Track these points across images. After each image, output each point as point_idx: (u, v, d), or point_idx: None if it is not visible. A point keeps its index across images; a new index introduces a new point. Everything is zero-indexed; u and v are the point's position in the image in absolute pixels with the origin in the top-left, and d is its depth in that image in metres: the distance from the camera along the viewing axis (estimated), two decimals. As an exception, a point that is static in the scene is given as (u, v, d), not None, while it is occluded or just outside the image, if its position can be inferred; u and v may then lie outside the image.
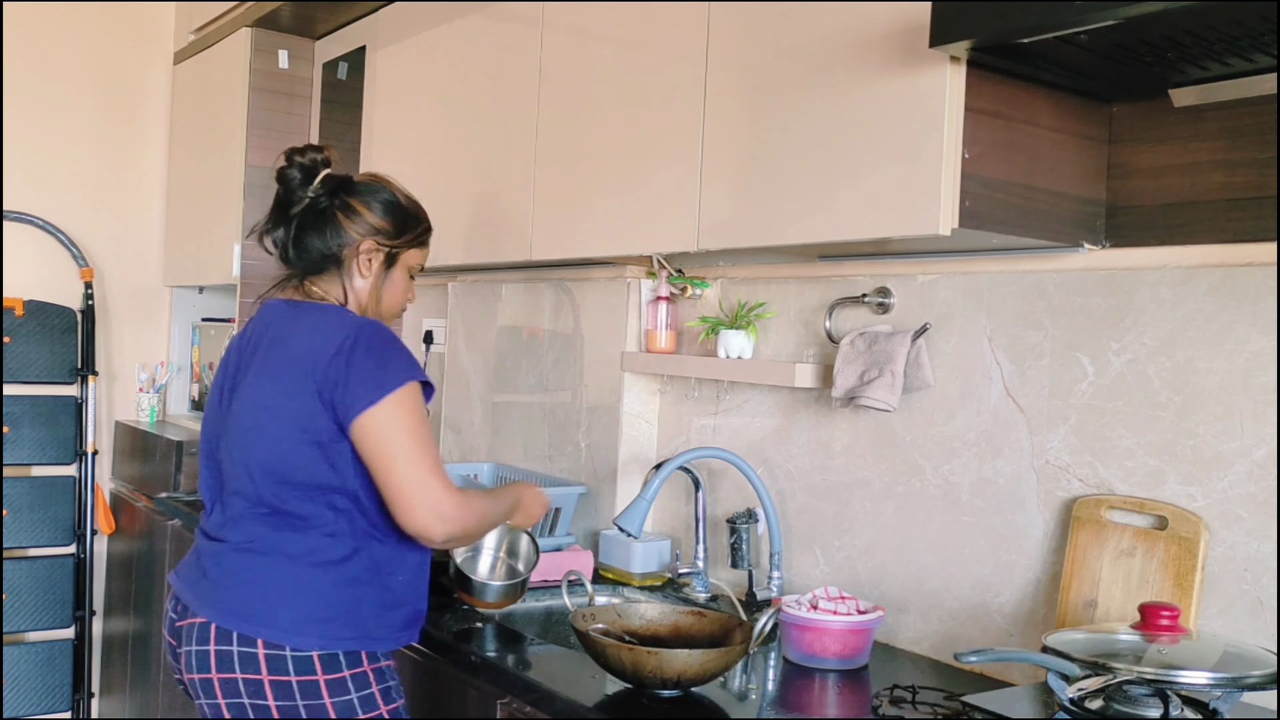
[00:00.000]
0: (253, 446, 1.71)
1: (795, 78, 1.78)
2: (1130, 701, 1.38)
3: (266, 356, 1.74)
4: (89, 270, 3.68)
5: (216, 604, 1.69)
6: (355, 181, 1.84)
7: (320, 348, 1.68)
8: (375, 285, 1.83)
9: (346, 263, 1.80)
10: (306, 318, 1.76)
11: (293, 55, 3.37)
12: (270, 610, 1.66)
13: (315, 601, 1.66)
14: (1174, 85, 1.58)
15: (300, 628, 1.65)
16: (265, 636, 1.64)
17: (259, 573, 1.69)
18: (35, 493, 3.53)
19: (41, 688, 3.54)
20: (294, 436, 1.67)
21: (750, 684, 1.76)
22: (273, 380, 1.71)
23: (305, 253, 1.80)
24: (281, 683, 1.63)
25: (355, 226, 1.80)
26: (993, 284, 1.84)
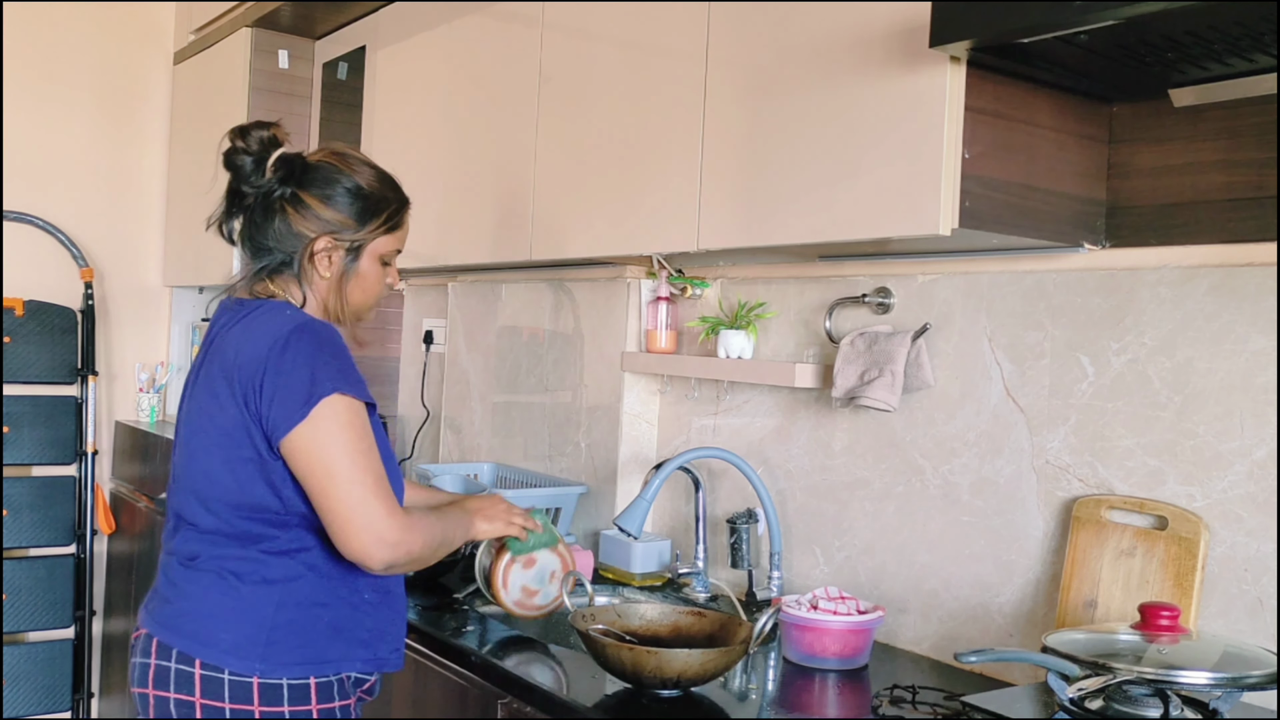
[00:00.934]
0: (190, 464, 1.59)
1: (795, 78, 1.78)
2: (1130, 701, 1.38)
3: (206, 366, 1.60)
4: (89, 270, 3.68)
5: (159, 617, 1.60)
6: (310, 165, 1.64)
7: (249, 352, 1.52)
8: (338, 284, 1.64)
9: (301, 261, 1.61)
10: (247, 319, 1.58)
11: (293, 55, 3.36)
12: (210, 629, 1.54)
13: (258, 622, 1.53)
14: (1174, 85, 1.58)
15: (241, 650, 1.52)
16: (203, 657, 1.52)
17: (201, 588, 1.56)
18: (35, 493, 3.53)
19: (41, 688, 3.54)
20: (225, 455, 1.53)
21: (750, 684, 1.76)
22: (206, 392, 1.57)
23: (258, 250, 1.63)
24: (213, 708, 1.51)
25: (306, 223, 1.61)
26: (993, 284, 1.84)
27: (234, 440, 1.53)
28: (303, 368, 1.49)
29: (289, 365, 1.49)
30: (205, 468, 1.56)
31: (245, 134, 1.63)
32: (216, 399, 1.54)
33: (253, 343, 1.53)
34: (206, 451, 1.56)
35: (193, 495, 1.59)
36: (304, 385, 1.48)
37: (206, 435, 1.56)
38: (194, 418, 1.60)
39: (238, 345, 1.55)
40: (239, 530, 1.56)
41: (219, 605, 1.55)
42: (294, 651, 1.54)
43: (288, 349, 1.50)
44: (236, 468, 1.53)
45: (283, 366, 1.49)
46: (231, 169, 1.65)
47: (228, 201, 1.68)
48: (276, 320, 1.55)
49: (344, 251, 1.64)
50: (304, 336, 1.52)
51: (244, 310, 1.61)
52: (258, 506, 1.54)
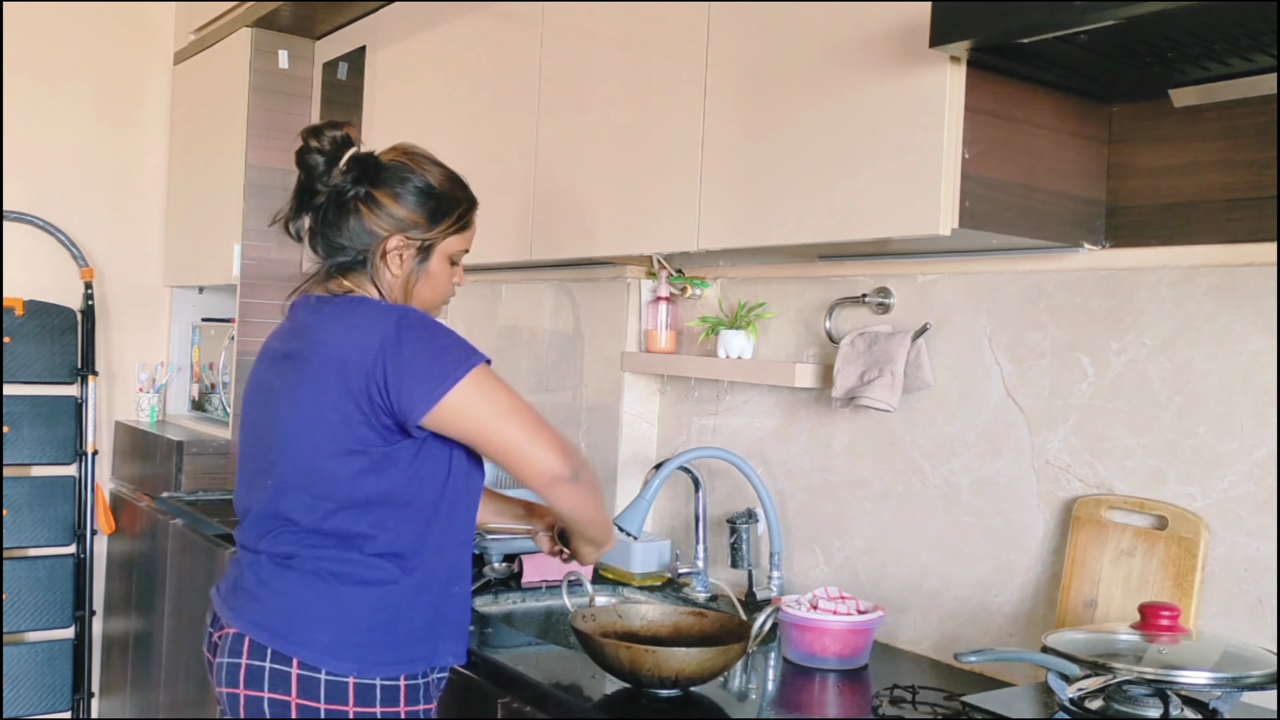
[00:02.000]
0: (294, 460, 1.58)
1: (795, 78, 1.78)
2: (1130, 701, 1.38)
3: (302, 363, 1.59)
4: (89, 270, 3.67)
5: (252, 616, 1.58)
6: (383, 165, 1.66)
7: (359, 348, 1.54)
8: (408, 282, 1.66)
9: (373, 259, 1.64)
10: (338, 316, 1.60)
11: (293, 55, 3.37)
12: (308, 629, 1.55)
13: (354, 623, 1.55)
14: (1174, 85, 1.58)
15: (339, 650, 1.54)
16: (301, 657, 1.53)
17: (298, 588, 1.57)
18: (35, 493, 3.53)
19: (41, 688, 3.54)
20: (335, 449, 1.55)
21: (750, 684, 1.76)
22: (310, 389, 1.57)
23: (331, 248, 1.65)
24: (309, 708, 1.52)
25: (380, 221, 1.63)
26: (993, 284, 1.84)
27: (350, 435, 1.54)
28: (424, 353, 1.53)
29: (409, 352, 1.53)
30: (315, 464, 1.57)
31: (319, 134, 1.63)
32: (326, 394, 1.55)
33: (359, 337, 1.55)
34: (315, 447, 1.56)
35: (299, 492, 1.59)
36: (432, 367, 1.52)
37: (314, 432, 1.56)
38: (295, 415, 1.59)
39: (341, 341, 1.56)
40: (340, 529, 1.57)
41: (316, 605, 1.56)
42: (388, 651, 1.56)
43: (402, 336, 1.53)
44: (348, 460, 1.55)
45: (402, 354, 1.52)
46: (304, 168, 1.64)
47: (297, 200, 1.67)
48: (375, 311, 1.59)
49: (415, 250, 1.66)
50: (412, 324, 1.56)
51: (330, 306, 1.63)
52: (365, 500, 1.56)
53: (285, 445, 1.60)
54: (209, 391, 3.65)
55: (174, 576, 3.14)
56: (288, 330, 1.68)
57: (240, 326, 3.33)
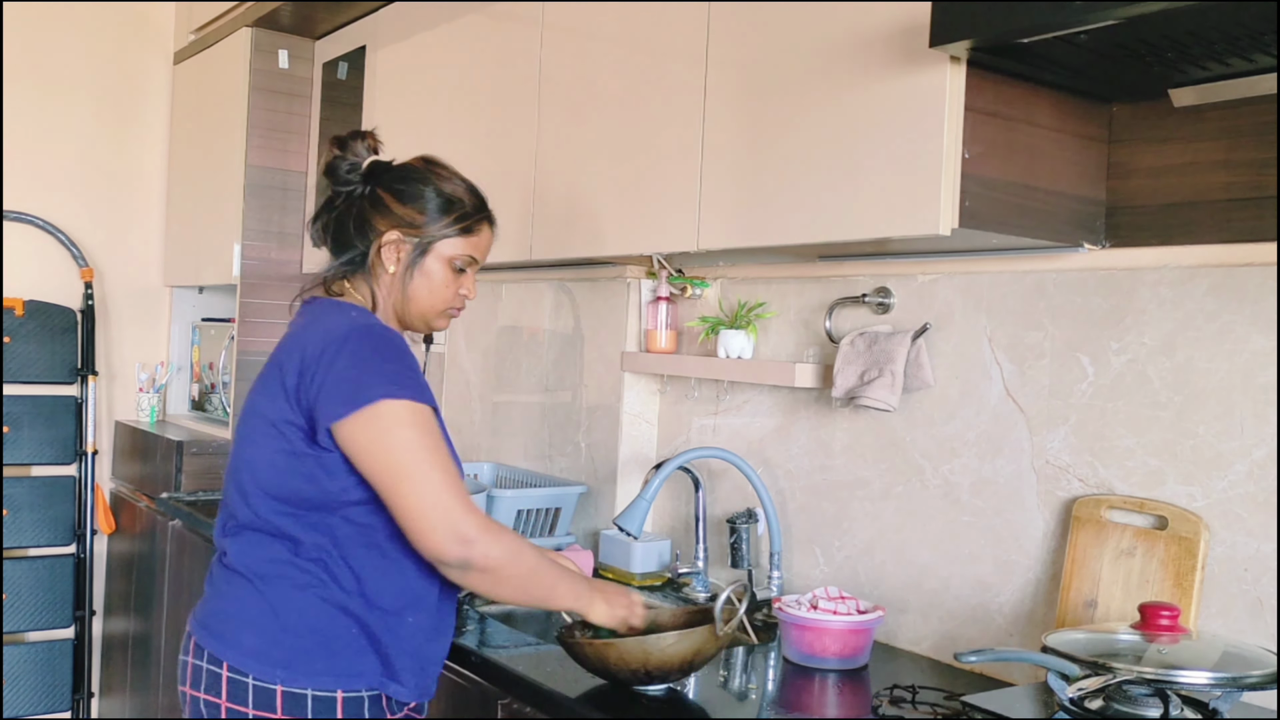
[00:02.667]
0: (241, 455, 1.59)
1: (795, 78, 1.78)
2: (1130, 701, 1.37)
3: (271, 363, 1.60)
4: (89, 270, 3.67)
5: (199, 615, 1.59)
6: (395, 168, 1.68)
7: (306, 345, 1.52)
8: (401, 279, 1.63)
9: (370, 256, 1.63)
10: (316, 317, 1.60)
11: (293, 55, 3.36)
12: (235, 630, 1.52)
13: (283, 626, 1.50)
14: (1174, 85, 1.58)
15: (264, 654, 1.49)
16: (229, 659, 1.50)
17: (235, 589, 1.55)
18: (35, 493, 3.53)
19: (41, 688, 3.54)
20: (270, 445, 1.53)
21: (750, 684, 1.76)
22: (262, 384, 1.58)
23: (338, 247, 1.66)
24: (237, 712, 1.49)
25: (380, 218, 1.63)
26: (993, 284, 1.84)
27: (279, 431, 1.52)
28: (355, 365, 1.48)
29: (343, 361, 1.48)
30: (250, 458, 1.57)
31: (344, 143, 1.67)
32: (268, 391, 1.56)
33: (310, 336, 1.54)
34: (254, 442, 1.56)
35: (235, 487, 1.60)
36: (351, 381, 1.47)
37: (255, 428, 1.56)
38: (247, 412, 1.61)
39: (298, 339, 1.56)
40: (272, 527, 1.54)
41: (244, 607, 1.54)
42: (319, 661, 1.50)
43: (345, 346, 1.50)
44: (277, 458, 1.53)
45: (336, 362, 1.48)
46: (329, 174, 1.68)
47: (321, 206, 1.71)
48: (338, 319, 1.56)
49: (411, 246, 1.64)
50: (362, 337, 1.52)
51: (313, 309, 1.63)
52: (293, 497, 1.52)
53: (240, 440, 1.61)
54: (209, 391, 3.66)
55: (174, 576, 3.14)
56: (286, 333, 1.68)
57: (240, 326, 3.33)
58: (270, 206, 3.34)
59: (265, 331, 3.35)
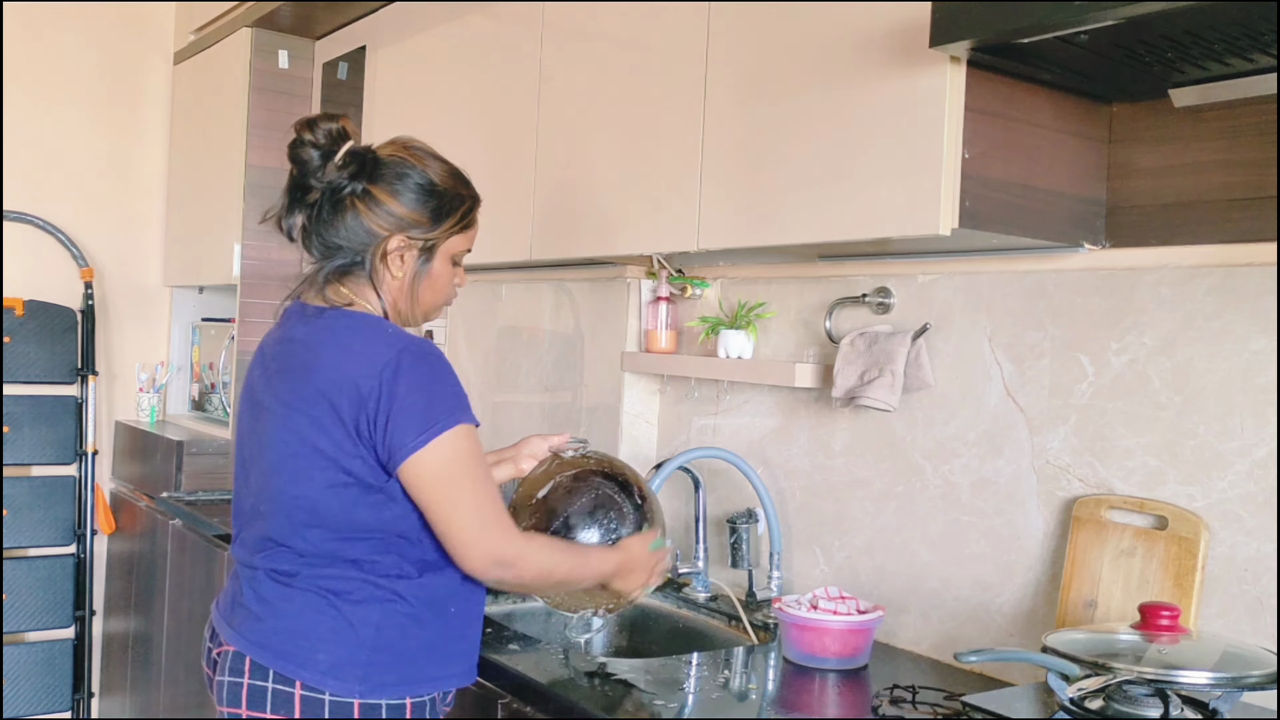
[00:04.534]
0: (287, 485, 1.52)
1: (795, 78, 1.78)
2: (1130, 701, 1.38)
3: (297, 382, 1.52)
4: (89, 270, 3.67)
5: (253, 636, 1.53)
6: (381, 160, 1.57)
7: (355, 376, 1.47)
8: (410, 285, 1.59)
9: (373, 261, 1.55)
10: (337, 333, 1.53)
11: (293, 55, 3.36)
12: (308, 650, 1.50)
13: (357, 643, 1.50)
14: (1174, 85, 1.58)
15: (340, 671, 1.49)
16: (303, 678, 1.49)
17: (299, 607, 1.52)
18: (35, 493, 3.53)
19: (41, 688, 3.54)
20: (333, 478, 1.49)
21: (750, 684, 1.76)
22: (303, 412, 1.50)
23: (327, 248, 1.57)
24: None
25: (379, 220, 1.55)
26: (993, 284, 1.84)
27: (339, 465, 1.48)
28: (419, 394, 1.47)
29: (403, 391, 1.46)
30: (305, 493, 1.51)
31: (313, 126, 1.54)
32: (317, 423, 1.49)
33: (354, 362, 1.48)
34: (307, 476, 1.50)
35: (287, 520, 1.53)
36: (422, 413, 1.46)
37: (305, 459, 1.50)
38: (284, 437, 1.52)
39: (336, 364, 1.49)
40: (339, 553, 1.52)
41: (317, 625, 1.51)
42: (392, 672, 1.52)
43: (400, 374, 1.46)
44: (341, 492, 1.49)
45: (397, 392, 1.45)
46: (297, 162, 1.56)
47: (289, 196, 1.59)
48: (377, 340, 1.50)
49: (417, 251, 1.58)
50: (415, 361, 1.48)
51: (327, 319, 1.55)
52: (362, 529, 1.51)
53: (279, 469, 1.53)
54: (209, 391, 3.66)
55: (174, 576, 3.14)
56: (281, 340, 1.61)
57: (240, 326, 3.33)
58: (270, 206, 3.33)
59: (265, 331, 3.34)
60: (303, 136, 1.54)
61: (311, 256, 1.60)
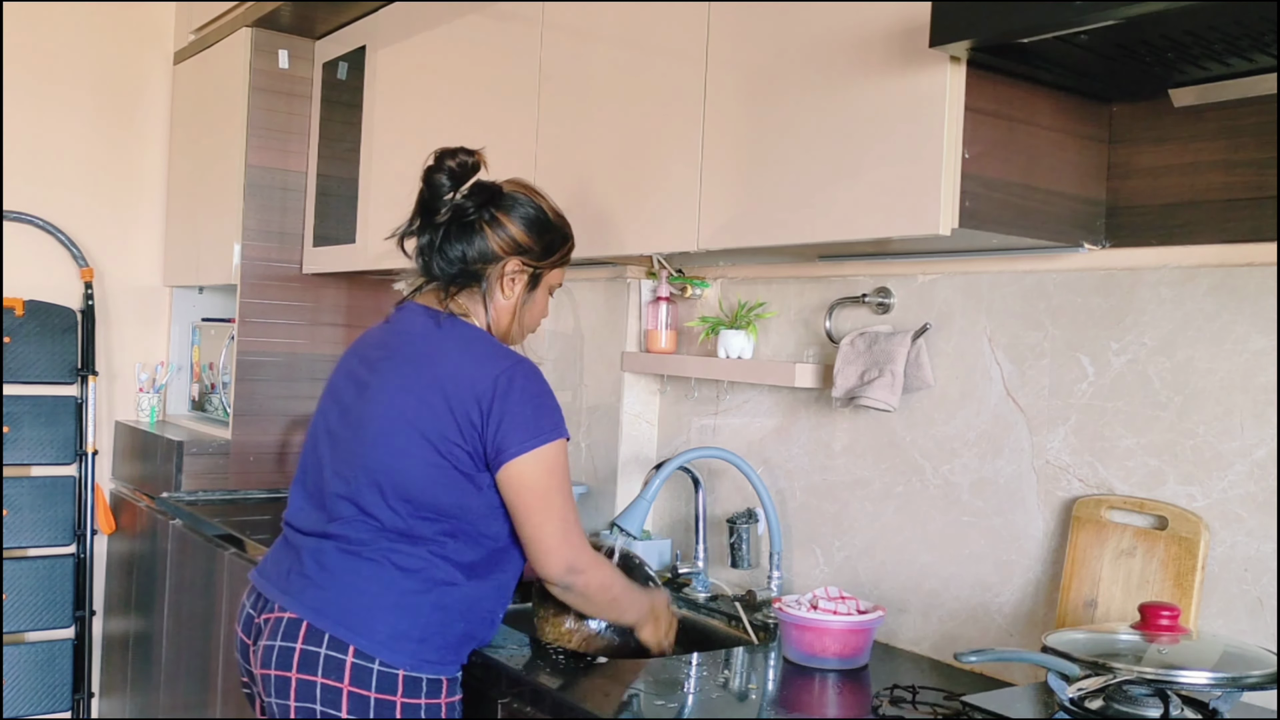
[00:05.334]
0: (383, 457, 1.66)
1: (795, 78, 1.78)
2: (1130, 701, 1.38)
3: (410, 367, 1.69)
4: (89, 270, 3.68)
5: (312, 602, 1.64)
6: (505, 193, 1.78)
7: (473, 375, 1.64)
8: (517, 306, 1.79)
9: (489, 280, 1.75)
10: (456, 337, 1.71)
11: (293, 55, 3.36)
12: (367, 619, 1.61)
13: (414, 619, 1.62)
14: (1174, 85, 1.58)
15: (395, 644, 1.61)
16: (359, 645, 1.60)
17: (363, 578, 1.64)
18: (35, 493, 3.53)
19: (41, 688, 3.54)
20: (430, 457, 1.63)
21: (750, 684, 1.76)
22: (414, 395, 1.66)
23: (449, 263, 1.74)
24: (359, 696, 1.59)
25: (501, 243, 1.74)
26: (993, 284, 1.84)
27: (439, 448, 1.63)
28: (530, 403, 1.65)
29: (517, 399, 1.63)
30: (398, 465, 1.65)
31: (452, 155, 1.74)
32: (427, 405, 1.64)
33: (472, 363, 1.66)
34: (404, 451, 1.64)
35: (375, 487, 1.66)
36: (533, 421, 1.64)
37: (405, 436, 1.65)
38: (390, 415, 1.67)
39: (456, 361, 1.66)
40: (412, 529, 1.65)
41: (380, 596, 1.63)
42: (437, 651, 1.64)
43: (514, 383, 1.64)
44: (433, 472, 1.64)
45: (511, 398, 1.63)
46: (430, 186, 1.75)
47: (419, 216, 1.76)
48: (494, 351, 1.70)
49: (528, 277, 1.78)
50: (528, 375, 1.67)
51: (448, 324, 1.72)
52: (442, 511, 1.65)
53: (376, 441, 1.67)
54: (209, 391, 3.66)
55: (174, 576, 3.14)
56: (392, 332, 1.76)
57: (240, 326, 3.33)
58: (270, 206, 3.34)
59: (265, 331, 3.35)
60: (442, 163, 1.74)
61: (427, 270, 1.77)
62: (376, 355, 1.75)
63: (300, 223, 3.39)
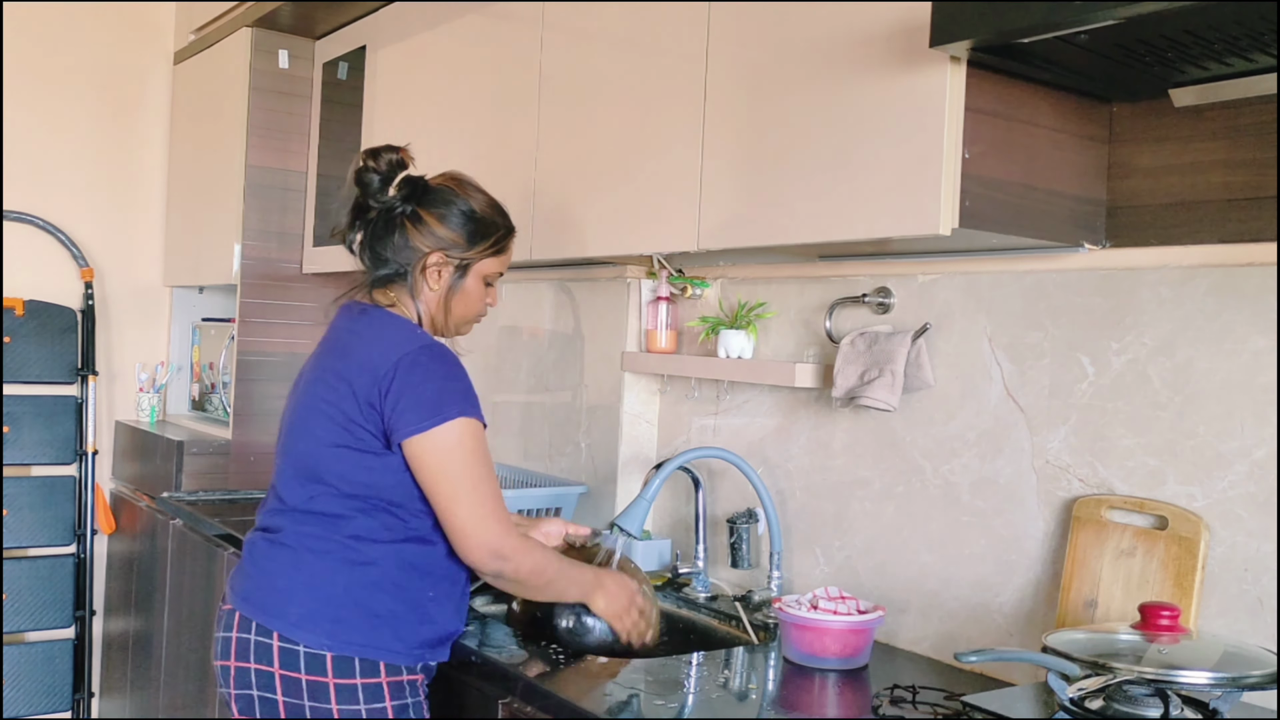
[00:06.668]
0: (297, 443, 1.73)
1: (795, 78, 1.78)
2: (1130, 701, 1.38)
3: (327, 359, 1.75)
4: (89, 270, 3.68)
5: (242, 591, 1.71)
6: (431, 188, 1.80)
7: (378, 358, 1.67)
8: (444, 297, 1.80)
9: (414, 273, 1.77)
10: (372, 325, 1.74)
11: (293, 55, 3.36)
12: (282, 603, 1.66)
13: (326, 599, 1.65)
14: (1174, 85, 1.58)
15: (308, 624, 1.64)
16: (279, 629, 1.65)
17: (280, 564, 1.70)
18: (35, 493, 3.53)
19: (41, 688, 3.54)
20: (334, 436, 1.67)
21: (750, 684, 1.76)
22: (326, 384, 1.71)
23: (376, 260, 1.78)
24: (291, 679, 1.63)
25: (423, 239, 1.77)
26: (993, 284, 1.84)
27: (344, 428, 1.67)
28: (431, 383, 1.65)
29: (418, 378, 1.65)
30: (311, 449, 1.70)
31: (376, 155, 1.77)
32: (335, 391, 1.68)
33: (380, 348, 1.68)
34: (315, 436, 1.70)
35: (292, 473, 1.73)
36: (432, 399, 1.64)
37: (317, 422, 1.70)
38: (305, 403, 1.73)
39: (366, 349, 1.70)
40: (325, 508, 1.69)
41: (291, 579, 1.68)
42: (363, 633, 1.65)
43: (417, 364, 1.66)
44: (342, 453, 1.67)
45: (412, 378, 1.64)
46: (360, 185, 1.78)
47: (352, 215, 1.81)
48: (404, 334, 1.72)
49: (453, 268, 1.79)
50: (433, 356, 1.68)
51: (370, 316, 1.76)
52: (351, 487, 1.67)
53: (292, 430, 1.75)
54: (209, 391, 3.66)
55: (174, 576, 3.14)
56: (330, 330, 1.81)
57: (240, 326, 3.33)
58: (270, 206, 3.34)
59: (265, 331, 3.35)
60: (367, 164, 1.76)
61: (364, 266, 1.81)
62: (316, 355, 1.81)
63: (300, 223, 3.39)
